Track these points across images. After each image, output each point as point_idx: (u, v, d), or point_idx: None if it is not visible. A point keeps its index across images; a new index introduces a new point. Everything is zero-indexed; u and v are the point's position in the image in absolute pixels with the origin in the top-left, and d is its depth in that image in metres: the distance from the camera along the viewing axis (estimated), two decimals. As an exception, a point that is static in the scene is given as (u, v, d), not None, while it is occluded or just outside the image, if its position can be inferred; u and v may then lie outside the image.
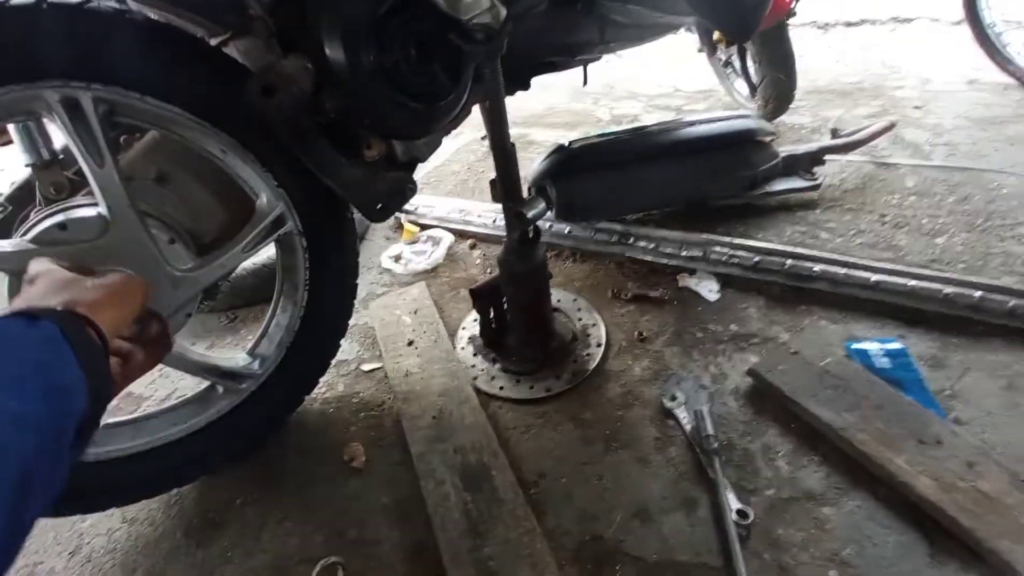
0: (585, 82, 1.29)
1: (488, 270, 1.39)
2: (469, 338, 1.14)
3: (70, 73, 0.65)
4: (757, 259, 1.17)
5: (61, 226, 0.69)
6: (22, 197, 0.84)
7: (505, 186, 0.86)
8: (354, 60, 0.72)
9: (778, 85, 1.69)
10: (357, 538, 0.82)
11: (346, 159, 0.83)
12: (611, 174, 1.23)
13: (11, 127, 0.76)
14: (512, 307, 1.00)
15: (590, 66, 1.25)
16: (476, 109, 1.02)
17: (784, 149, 1.41)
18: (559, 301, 1.19)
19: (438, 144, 0.95)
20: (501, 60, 0.79)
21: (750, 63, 1.80)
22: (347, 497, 0.88)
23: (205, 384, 0.91)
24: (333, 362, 1.02)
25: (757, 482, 0.84)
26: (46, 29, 0.62)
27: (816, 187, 1.38)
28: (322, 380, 1.04)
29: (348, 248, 0.97)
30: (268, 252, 1.31)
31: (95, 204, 0.72)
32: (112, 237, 0.71)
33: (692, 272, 1.23)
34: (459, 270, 1.41)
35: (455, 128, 0.94)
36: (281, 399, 0.97)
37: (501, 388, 1.01)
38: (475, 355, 1.10)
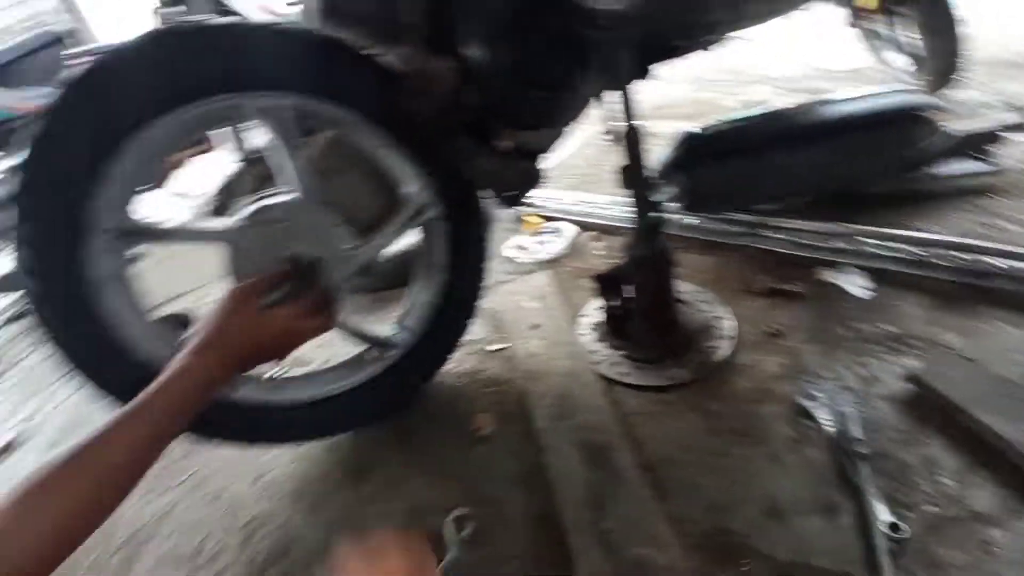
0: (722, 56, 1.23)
1: (611, 261, 1.40)
2: (592, 325, 1.17)
3: (275, 84, 0.79)
4: (922, 252, 1.05)
5: (265, 208, 0.84)
6: (230, 189, 1.03)
7: (632, 172, 0.87)
8: (492, 58, 0.79)
9: (941, 54, 1.48)
10: (484, 497, 0.89)
11: (482, 150, 0.90)
12: (743, 161, 1.18)
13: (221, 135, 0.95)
14: (636, 294, 1.01)
15: (715, 52, 1.20)
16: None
17: (953, 128, 1.23)
18: (685, 292, 1.16)
19: (564, 134, 0.98)
20: (626, 46, 0.80)
21: (905, 31, 1.59)
22: (475, 462, 0.96)
23: (356, 352, 1.05)
24: (463, 340, 1.12)
25: (914, 496, 0.76)
26: (261, 50, 0.77)
27: (995, 171, 1.19)
28: (453, 357, 1.14)
29: (482, 233, 1.05)
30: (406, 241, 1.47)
31: (290, 192, 0.86)
32: (302, 218, 0.85)
33: (834, 265, 1.13)
34: (581, 260, 1.44)
35: (582, 116, 0.97)
36: (420, 368, 1.08)
37: (624, 374, 1.03)
38: (598, 341, 1.12)
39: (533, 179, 0.95)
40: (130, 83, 0.70)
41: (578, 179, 1.84)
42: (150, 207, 1.84)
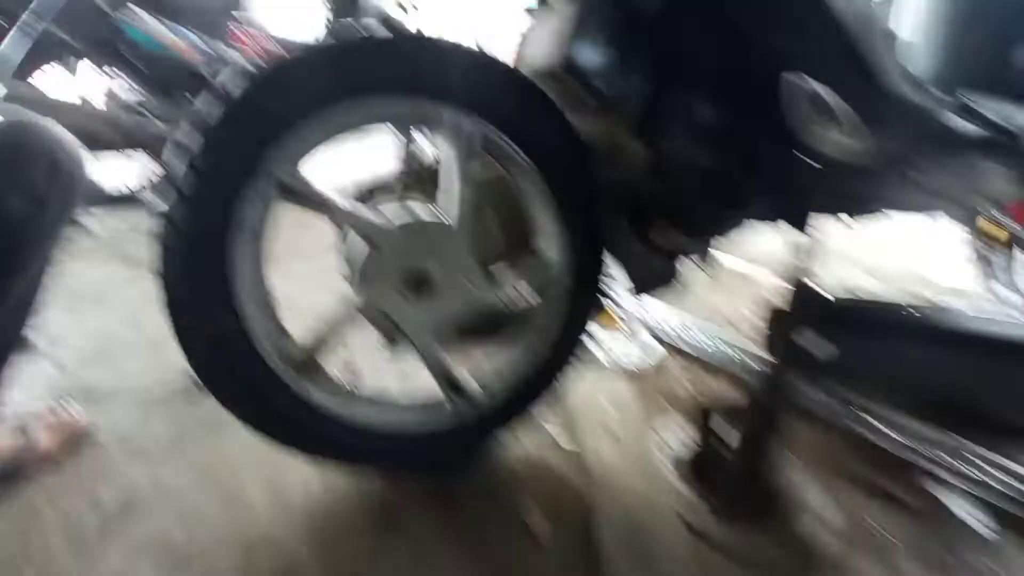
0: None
1: (693, 394, 1.32)
2: (672, 457, 1.07)
3: (471, 105, 0.81)
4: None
5: (421, 224, 0.82)
6: (374, 187, 1.03)
7: (796, 315, 0.83)
8: (688, 161, 0.79)
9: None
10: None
11: (636, 236, 0.89)
12: (879, 342, 1.12)
13: (397, 140, 0.97)
14: (746, 443, 0.92)
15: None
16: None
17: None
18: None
19: (707, 247, 0.97)
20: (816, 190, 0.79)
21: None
22: (522, 559, 0.84)
23: (436, 397, 0.97)
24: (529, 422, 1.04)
25: None
26: (478, 74, 0.79)
27: None
28: (517, 436, 1.06)
29: (591, 314, 1.01)
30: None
31: (442, 214, 0.85)
32: (446, 240, 0.83)
33: (955, 490, 1.03)
34: (662, 382, 1.36)
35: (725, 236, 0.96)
36: (486, 434, 1.00)
37: (706, 527, 0.91)
38: (675, 475, 1.02)
39: (669, 277, 0.93)
40: (346, 67, 0.73)
41: (670, 298, 1.81)
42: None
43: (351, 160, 2.03)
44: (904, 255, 2.85)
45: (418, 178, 0.99)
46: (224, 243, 0.74)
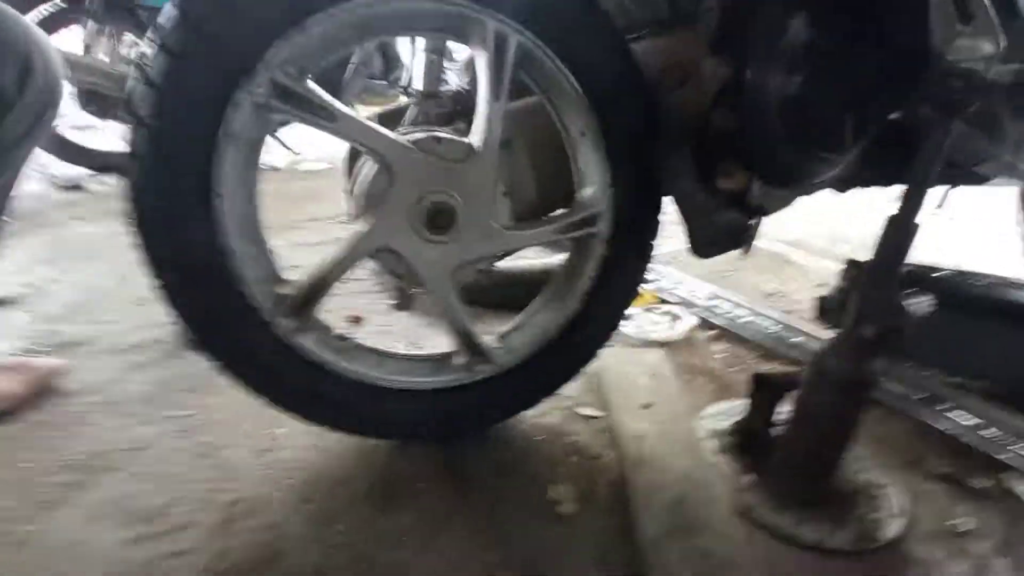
0: (940, 205, 1.09)
1: (729, 368, 1.20)
2: (712, 431, 0.95)
3: (515, 13, 0.68)
4: None
5: (437, 139, 0.70)
6: (389, 117, 0.91)
7: (884, 268, 0.70)
8: (776, 91, 0.66)
9: None
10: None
11: (700, 181, 0.76)
12: (952, 318, 0.99)
13: (423, 57, 0.84)
14: (804, 417, 0.80)
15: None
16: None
17: None
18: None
19: (791, 202, 0.84)
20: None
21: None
22: (546, 543, 0.73)
23: (444, 350, 0.86)
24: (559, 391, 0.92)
25: None
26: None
27: None
28: (540, 406, 0.94)
29: (638, 275, 0.89)
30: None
31: (470, 137, 0.73)
32: (469, 166, 0.71)
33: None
34: (695, 356, 1.24)
35: (822, 190, 0.83)
36: (505, 399, 0.88)
37: (754, 508, 0.80)
38: (719, 453, 0.90)
39: (738, 237, 0.79)
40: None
41: (708, 271, 1.68)
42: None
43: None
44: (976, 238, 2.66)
45: (445, 106, 0.86)
46: (210, 157, 0.62)
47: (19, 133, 0.67)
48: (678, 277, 1.51)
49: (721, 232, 0.79)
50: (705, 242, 0.80)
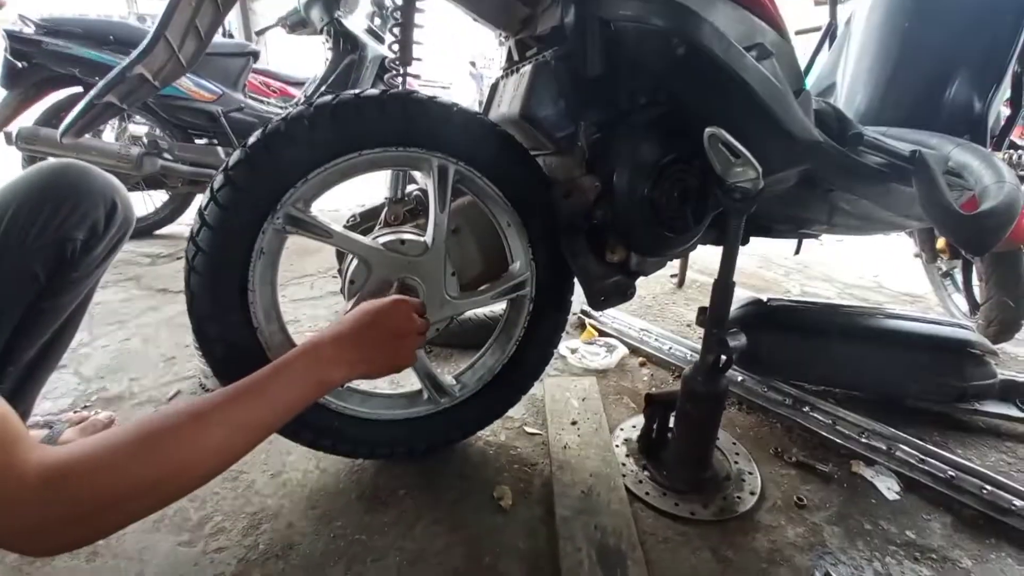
0: (797, 252, 1.43)
1: (653, 387, 1.50)
2: (625, 439, 1.24)
3: (451, 151, 0.99)
4: (952, 474, 1.11)
5: (401, 241, 1.00)
6: (366, 216, 1.21)
7: (716, 313, 1.00)
8: (633, 189, 0.98)
9: (1005, 310, 1.63)
10: (490, 565, 0.93)
11: (593, 255, 1.07)
12: (805, 340, 1.30)
13: (388, 173, 1.15)
14: (680, 424, 1.10)
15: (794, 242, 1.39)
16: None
17: (1005, 374, 1.35)
18: (719, 440, 1.24)
19: (662, 266, 1.15)
20: (743, 216, 0.98)
21: (974, 279, 1.77)
22: (489, 528, 1.00)
23: (416, 388, 1.15)
24: (505, 414, 1.21)
25: None
26: (452, 124, 0.98)
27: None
28: (493, 426, 1.23)
29: (559, 323, 1.19)
30: (485, 310, 1.63)
31: (420, 235, 1.03)
32: (426, 258, 1.01)
33: (867, 461, 1.20)
34: (626, 379, 1.54)
35: (679, 258, 1.14)
36: (463, 422, 1.16)
37: (647, 494, 1.08)
38: (627, 456, 1.19)
39: (624, 293, 1.09)
40: (357, 123, 0.91)
41: (640, 308, 2.00)
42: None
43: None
44: (867, 266, 3.06)
45: (409, 209, 1.16)
46: (246, 267, 0.91)
47: (104, 257, 0.95)
48: (615, 314, 1.81)
49: (610, 291, 1.09)
50: (599, 298, 1.09)
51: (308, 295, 2.17)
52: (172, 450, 0.57)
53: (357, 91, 0.92)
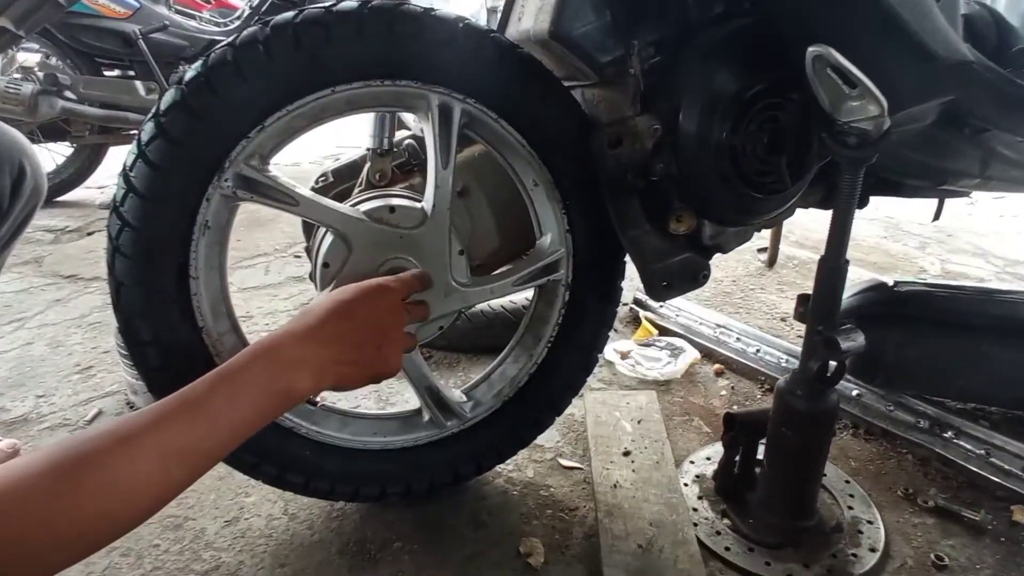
0: (937, 216, 1.41)
1: (734, 405, 1.51)
2: (696, 476, 1.26)
3: (456, 85, 1.01)
4: None
5: (391, 209, 1.02)
6: (343, 174, 1.24)
7: (822, 305, 1.01)
8: (705, 132, 0.98)
9: None
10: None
11: (651, 225, 1.08)
12: (948, 339, 1.30)
13: (370, 116, 1.17)
14: (773, 454, 1.11)
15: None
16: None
17: None
18: (826, 477, 1.25)
19: (747, 238, 1.15)
20: (860, 168, 0.98)
21: None
22: (514, 596, 1.04)
23: (413, 407, 1.18)
24: (533, 442, 1.24)
25: None
26: (457, 47, 0.99)
27: None
28: (514, 457, 1.26)
29: (605, 318, 1.20)
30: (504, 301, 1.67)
31: (416, 200, 1.05)
32: (424, 231, 1.02)
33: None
34: (696, 394, 1.55)
35: (771, 227, 1.14)
36: (477, 453, 1.19)
37: (727, 549, 1.10)
38: (700, 498, 1.21)
39: (695, 277, 1.11)
40: (328, 49, 0.93)
41: (716, 296, 2.00)
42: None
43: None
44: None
45: (399, 164, 1.18)
46: (186, 247, 0.94)
47: (8, 238, 0.99)
48: (681, 305, 1.82)
49: (675, 273, 1.10)
50: (660, 285, 1.10)
51: (262, 281, 2.23)
52: (97, 484, 0.60)
53: (327, 4, 0.93)
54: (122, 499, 0.61)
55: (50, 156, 3.04)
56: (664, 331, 1.78)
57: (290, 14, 0.93)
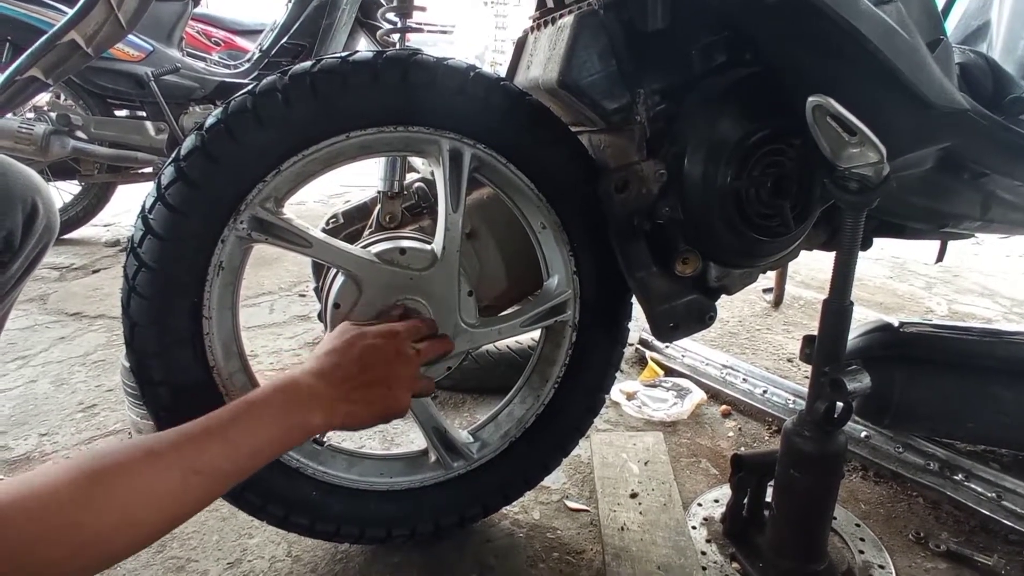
0: (941, 258, 1.44)
1: (742, 446, 1.52)
2: (704, 518, 1.26)
3: (467, 131, 1.05)
4: None
5: (401, 251, 1.06)
6: (352, 216, 1.28)
7: (828, 346, 1.03)
8: (709, 177, 1.02)
9: None
10: None
11: (657, 267, 1.11)
12: (956, 380, 1.31)
13: (381, 160, 1.21)
14: (782, 496, 1.12)
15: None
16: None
17: None
18: (835, 520, 1.26)
19: (752, 281, 1.18)
20: (861, 212, 1.01)
21: None
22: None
23: (419, 448, 1.20)
24: (539, 483, 1.25)
25: None
26: (468, 94, 1.03)
27: None
28: (520, 499, 1.27)
29: (611, 359, 1.22)
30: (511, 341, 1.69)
31: (427, 242, 1.09)
32: (433, 273, 1.06)
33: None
34: (703, 435, 1.56)
35: (775, 269, 1.17)
36: (483, 495, 1.20)
37: (736, 595, 1.11)
38: (708, 541, 1.21)
39: (701, 318, 1.13)
40: (344, 97, 0.97)
41: (722, 336, 2.02)
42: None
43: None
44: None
45: (409, 206, 1.22)
46: (201, 287, 0.97)
47: (20, 276, 1.02)
48: (687, 346, 1.84)
49: (681, 314, 1.12)
50: (666, 326, 1.12)
51: (267, 320, 2.25)
52: (123, 490, 0.63)
53: (344, 54, 0.98)
54: (145, 507, 0.65)
55: (58, 194, 3.10)
56: (670, 372, 1.80)
57: (308, 63, 0.97)
